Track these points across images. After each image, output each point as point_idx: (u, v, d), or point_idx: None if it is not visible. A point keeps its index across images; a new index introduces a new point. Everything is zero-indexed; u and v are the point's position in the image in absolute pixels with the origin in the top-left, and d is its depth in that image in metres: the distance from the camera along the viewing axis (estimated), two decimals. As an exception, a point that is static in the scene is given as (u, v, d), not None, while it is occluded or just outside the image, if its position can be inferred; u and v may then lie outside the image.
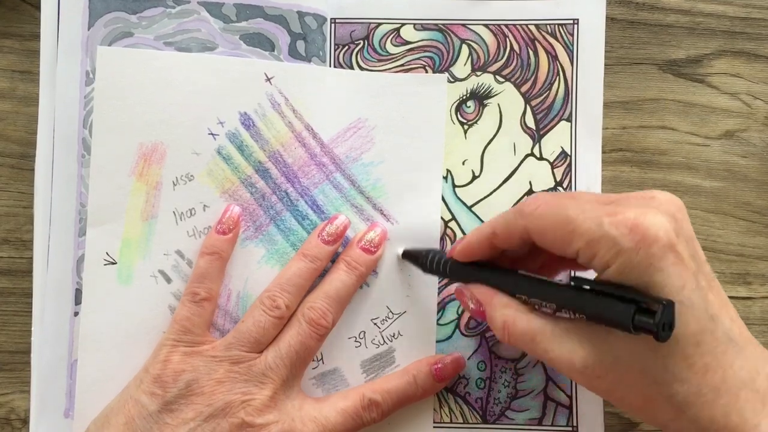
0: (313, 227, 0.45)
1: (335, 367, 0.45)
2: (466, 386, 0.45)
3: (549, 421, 0.45)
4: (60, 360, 0.44)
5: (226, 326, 0.44)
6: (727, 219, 0.46)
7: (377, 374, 0.45)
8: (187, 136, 0.44)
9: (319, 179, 0.45)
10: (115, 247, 0.44)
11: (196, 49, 0.45)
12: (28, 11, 0.46)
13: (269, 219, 0.45)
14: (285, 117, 0.45)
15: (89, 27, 0.45)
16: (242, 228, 0.45)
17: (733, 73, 0.47)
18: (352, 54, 0.46)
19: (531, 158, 0.46)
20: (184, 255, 0.44)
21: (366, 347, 0.45)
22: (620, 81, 0.47)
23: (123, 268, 0.44)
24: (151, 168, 0.44)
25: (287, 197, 0.45)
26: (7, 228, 0.46)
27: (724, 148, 0.46)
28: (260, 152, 0.45)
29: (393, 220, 0.45)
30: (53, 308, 0.44)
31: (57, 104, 0.45)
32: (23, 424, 0.45)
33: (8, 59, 0.46)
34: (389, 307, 0.45)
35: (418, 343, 0.45)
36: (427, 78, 0.46)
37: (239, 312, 0.44)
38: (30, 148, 0.46)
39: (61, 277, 0.44)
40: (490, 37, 0.46)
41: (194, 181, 0.45)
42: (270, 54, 0.45)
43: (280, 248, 0.45)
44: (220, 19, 0.45)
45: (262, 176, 0.45)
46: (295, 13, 0.46)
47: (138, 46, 0.45)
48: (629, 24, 0.47)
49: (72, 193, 0.45)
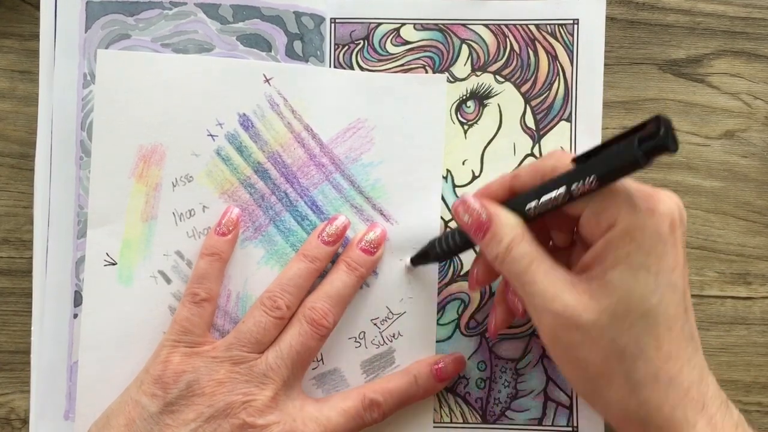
0: (313, 228, 0.45)
1: (335, 367, 0.45)
2: (466, 386, 0.45)
3: (549, 422, 0.45)
4: (60, 362, 0.44)
5: (225, 326, 0.44)
6: (728, 219, 0.46)
7: (377, 374, 0.45)
8: (186, 137, 0.44)
9: (318, 180, 0.45)
10: (115, 247, 0.44)
11: (194, 51, 0.45)
12: (27, 11, 0.46)
13: (269, 219, 0.45)
14: (284, 118, 0.45)
15: (86, 29, 0.45)
16: (242, 229, 0.45)
17: (734, 73, 0.47)
18: (352, 54, 0.46)
19: (531, 158, 0.46)
20: (183, 256, 0.44)
21: (366, 348, 0.45)
22: (620, 81, 0.46)
23: (123, 268, 0.44)
24: (150, 169, 0.44)
25: (287, 198, 0.45)
26: (7, 228, 0.46)
27: (725, 148, 0.46)
28: (259, 153, 0.45)
29: (393, 221, 0.45)
30: (52, 310, 0.45)
31: (55, 107, 0.45)
32: (23, 424, 0.45)
33: (8, 59, 0.46)
34: (389, 308, 0.45)
35: (418, 343, 0.45)
36: (427, 78, 0.46)
37: (239, 312, 0.44)
38: (30, 148, 0.46)
39: (60, 280, 0.45)
40: (490, 37, 0.46)
41: (193, 182, 0.45)
42: (267, 54, 0.45)
43: (280, 249, 0.45)
44: (217, 20, 0.45)
45: (261, 177, 0.45)
46: (291, 13, 0.46)
47: (135, 48, 0.45)
48: (629, 24, 0.47)
49: (71, 196, 0.45)
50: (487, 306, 0.46)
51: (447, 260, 0.45)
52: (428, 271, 0.45)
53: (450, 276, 0.46)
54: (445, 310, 0.46)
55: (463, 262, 0.46)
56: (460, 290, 0.46)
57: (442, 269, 0.46)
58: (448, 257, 0.43)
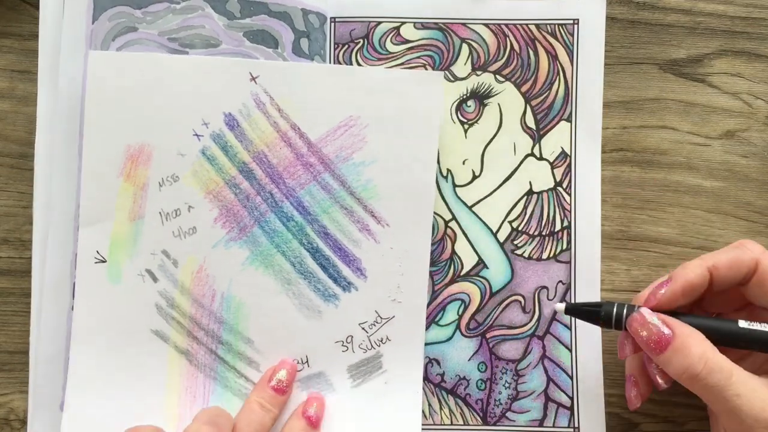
0: (299, 229, 0.45)
1: (320, 371, 0.45)
2: (467, 388, 0.45)
3: (550, 423, 0.45)
4: (57, 354, 0.44)
5: (210, 326, 0.44)
6: (728, 219, 0.46)
7: (363, 379, 0.45)
8: (172, 137, 0.44)
9: (305, 180, 0.45)
10: (104, 245, 0.44)
11: (200, 46, 0.45)
12: (27, 11, 0.46)
13: (253, 220, 0.45)
14: (270, 116, 0.45)
15: (93, 21, 0.45)
16: (226, 229, 0.45)
17: (734, 72, 0.46)
18: (352, 53, 0.46)
19: (531, 158, 0.46)
20: (169, 255, 0.44)
21: (353, 352, 0.45)
22: (620, 81, 0.46)
23: (112, 266, 0.44)
24: (138, 169, 0.44)
25: (272, 198, 0.45)
26: (6, 228, 0.46)
27: (725, 147, 0.46)
28: (244, 153, 0.45)
29: (384, 223, 0.45)
30: (51, 304, 0.45)
31: (59, 97, 0.45)
32: (22, 425, 0.45)
33: (8, 59, 0.46)
34: (378, 312, 0.45)
35: (406, 348, 0.45)
36: (423, 75, 0.45)
37: (222, 312, 0.44)
38: (29, 147, 0.45)
39: (59, 273, 0.45)
40: (490, 36, 0.46)
41: (179, 182, 0.45)
42: (274, 51, 0.45)
43: (265, 250, 0.45)
44: (225, 16, 0.45)
45: (246, 177, 0.45)
46: (299, 10, 0.46)
47: (142, 41, 0.45)
48: (629, 24, 0.47)
49: (72, 187, 0.45)
50: (488, 306, 0.45)
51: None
52: (418, 274, 0.45)
53: (450, 276, 0.46)
54: (445, 311, 0.45)
55: (463, 262, 0.46)
56: (461, 290, 0.46)
57: (441, 269, 0.46)
58: (603, 326, 0.41)
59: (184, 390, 0.45)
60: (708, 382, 0.36)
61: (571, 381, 0.45)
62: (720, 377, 0.36)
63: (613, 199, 0.46)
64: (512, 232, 0.46)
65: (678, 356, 0.37)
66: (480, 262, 0.46)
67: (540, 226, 0.46)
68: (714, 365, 0.36)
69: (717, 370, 0.36)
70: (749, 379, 0.36)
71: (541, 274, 0.46)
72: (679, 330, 0.37)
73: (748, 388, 0.36)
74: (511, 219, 0.46)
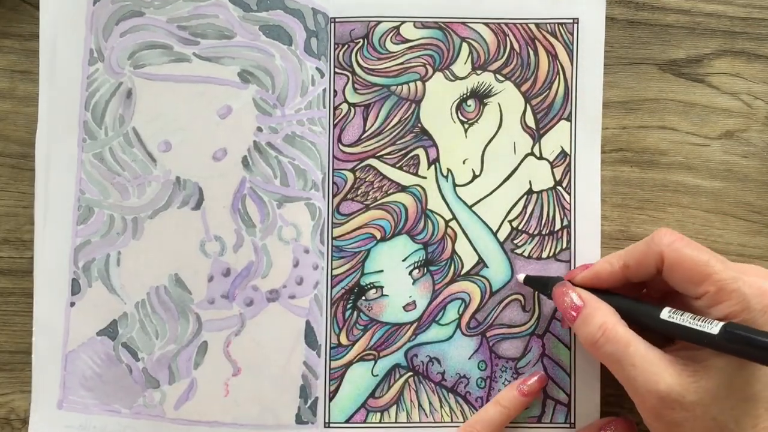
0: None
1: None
2: (467, 386, 0.45)
3: (548, 419, 0.45)
4: (54, 351, 0.44)
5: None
6: (728, 219, 0.46)
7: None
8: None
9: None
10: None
11: (213, 37, 0.44)
12: (28, 11, 0.46)
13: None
14: None
15: (95, 2, 0.43)
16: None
17: (734, 73, 0.47)
18: (352, 53, 0.46)
19: (531, 158, 0.46)
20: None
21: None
22: (620, 81, 0.46)
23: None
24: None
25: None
26: (7, 228, 0.46)
27: (725, 148, 0.46)
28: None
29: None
30: (49, 298, 0.44)
31: (57, 82, 0.43)
32: (23, 425, 0.45)
33: (8, 59, 0.46)
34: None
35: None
36: None
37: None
38: (30, 148, 0.45)
39: (57, 267, 0.44)
40: (490, 35, 0.46)
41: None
42: (288, 48, 0.44)
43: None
44: (240, 7, 0.44)
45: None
46: (310, 9, 0.45)
47: (148, 27, 0.43)
48: (629, 24, 0.47)
49: (72, 179, 0.44)
50: (488, 305, 0.46)
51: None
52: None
53: (451, 276, 0.46)
54: (445, 310, 0.46)
55: (463, 261, 0.46)
56: (461, 290, 0.46)
57: (442, 269, 0.46)
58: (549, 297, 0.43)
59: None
60: (605, 350, 0.38)
61: (569, 379, 0.45)
62: (617, 347, 0.38)
63: (612, 199, 0.46)
64: (512, 231, 0.46)
65: (583, 325, 0.39)
66: (480, 262, 0.46)
67: (540, 226, 0.46)
68: (612, 335, 0.38)
69: (614, 340, 0.38)
70: (648, 351, 0.37)
71: (540, 273, 0.46)
72: (589, 302, 0.40)
73: (645, 359, 0.37)
74: (511, 218, 0.46)
